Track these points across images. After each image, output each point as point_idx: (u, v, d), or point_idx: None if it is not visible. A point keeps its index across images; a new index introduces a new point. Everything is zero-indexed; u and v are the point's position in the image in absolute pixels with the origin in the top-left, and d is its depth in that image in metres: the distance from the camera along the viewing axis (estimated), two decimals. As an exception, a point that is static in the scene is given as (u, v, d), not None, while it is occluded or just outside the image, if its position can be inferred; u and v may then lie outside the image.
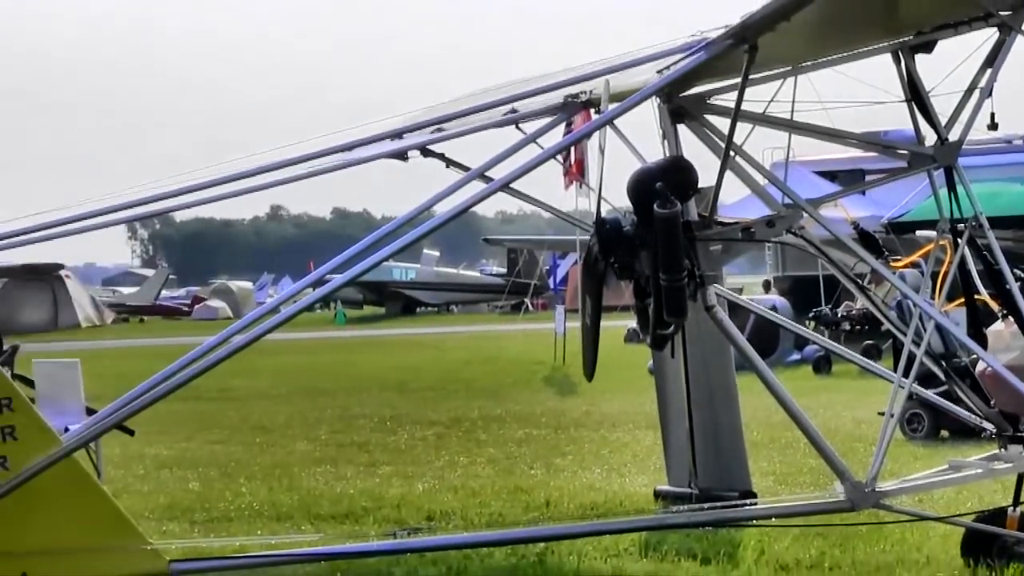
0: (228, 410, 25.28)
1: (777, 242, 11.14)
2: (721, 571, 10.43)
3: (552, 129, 10.66)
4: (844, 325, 31.10)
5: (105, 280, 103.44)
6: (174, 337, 46.35)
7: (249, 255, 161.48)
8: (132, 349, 42.44)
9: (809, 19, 9.41)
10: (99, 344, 47.22)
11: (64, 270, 74.76)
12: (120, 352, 38.79)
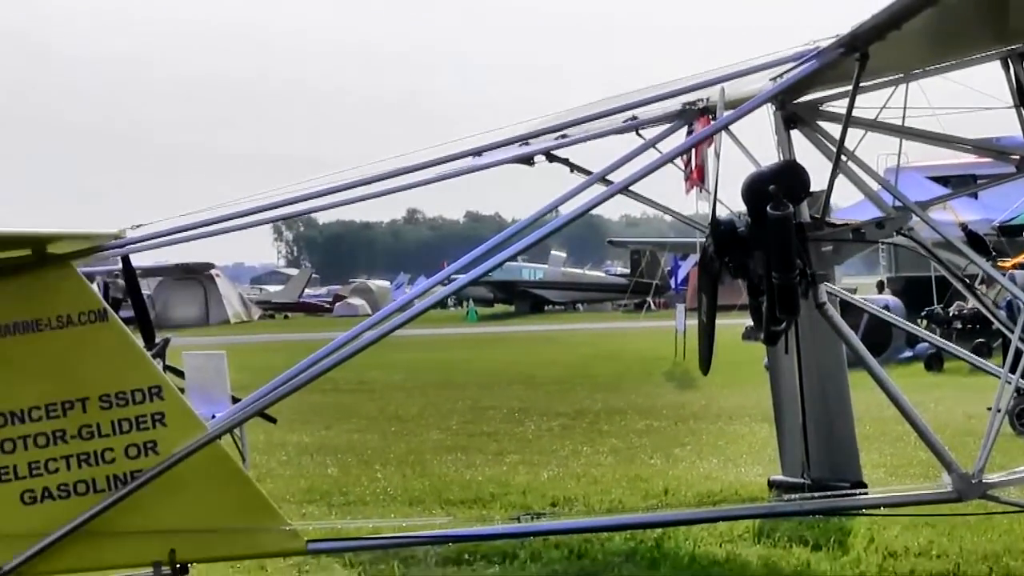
0: (365, 401, 25.44)
1: (887, 243, 11.07)
2: (831, 557, 10.39)
3: (671, 135, 10.65)
4: (955, 324, 30.74)
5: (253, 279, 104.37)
6: (316, 333, 46.63)
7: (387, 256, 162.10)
8: (277, 344, 42.81)
9: (919, 28, 9.32)
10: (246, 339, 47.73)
11: (215, 269, 75.43)
12: (265, 346, 39.15)
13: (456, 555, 10.45)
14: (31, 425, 8.95)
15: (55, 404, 8.97)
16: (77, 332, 9.06)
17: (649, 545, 10.67)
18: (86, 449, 8.97)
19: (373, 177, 10.52)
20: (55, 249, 9.18)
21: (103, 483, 8.97)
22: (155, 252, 10.36)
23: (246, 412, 9.64)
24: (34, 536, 8.88)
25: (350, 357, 9.36)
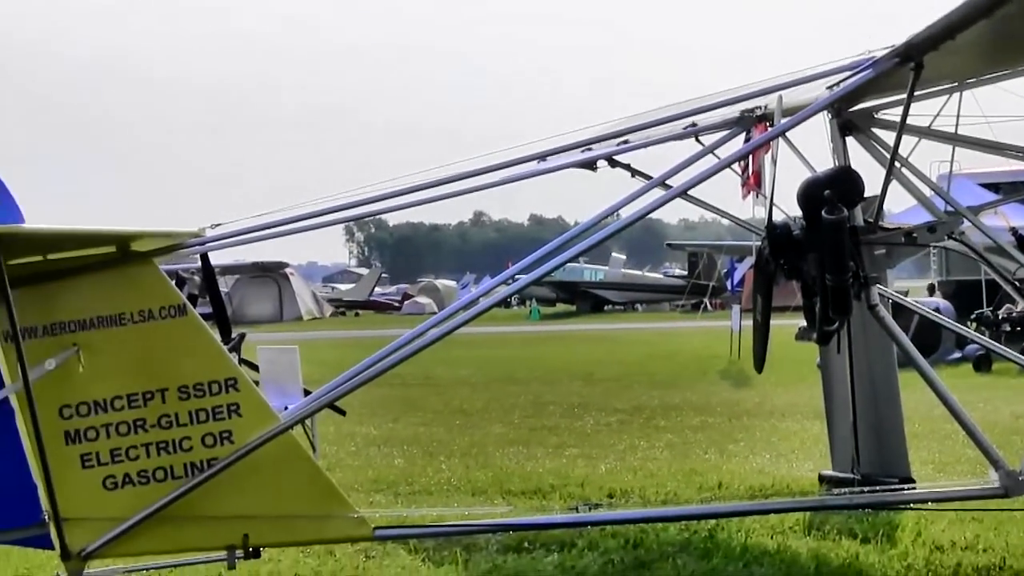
0: (431, 395, 25.49)
1: (938, 246, 11.04)
2: (880, 550, 10.34)
3: (729, 141, 10.61)
4: (1004, 326, 30.54)
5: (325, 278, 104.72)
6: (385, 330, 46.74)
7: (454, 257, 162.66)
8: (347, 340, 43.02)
9: (973, 38, 9.26)
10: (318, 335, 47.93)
11: (288, 268, 75.78)
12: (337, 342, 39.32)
13: (516, 543, 10.46)
14: (113, 414, 9.00)
15: (136, 394, 9.03)
16: (158, 326, 9.11)
17: (702, 536, 10.65)
18: (165, 437, 9.02)
19: (441, 180, 10.52)
20: (138, 247, 9.23)
21: (180, 470, 9.02)
22: (232, 250, 10.40)
23: (317, 404, 9.66)
24: (114, 520, 8.93)
25: (416, 353, 9.38)
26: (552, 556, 10.05)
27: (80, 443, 8.99)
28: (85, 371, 8.98)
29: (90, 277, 9.14)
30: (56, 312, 9.03)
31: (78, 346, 8.99)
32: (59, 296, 9.08)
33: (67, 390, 8.97)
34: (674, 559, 9.83)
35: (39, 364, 8.83)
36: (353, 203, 10.60)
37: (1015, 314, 30.34)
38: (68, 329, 9.02)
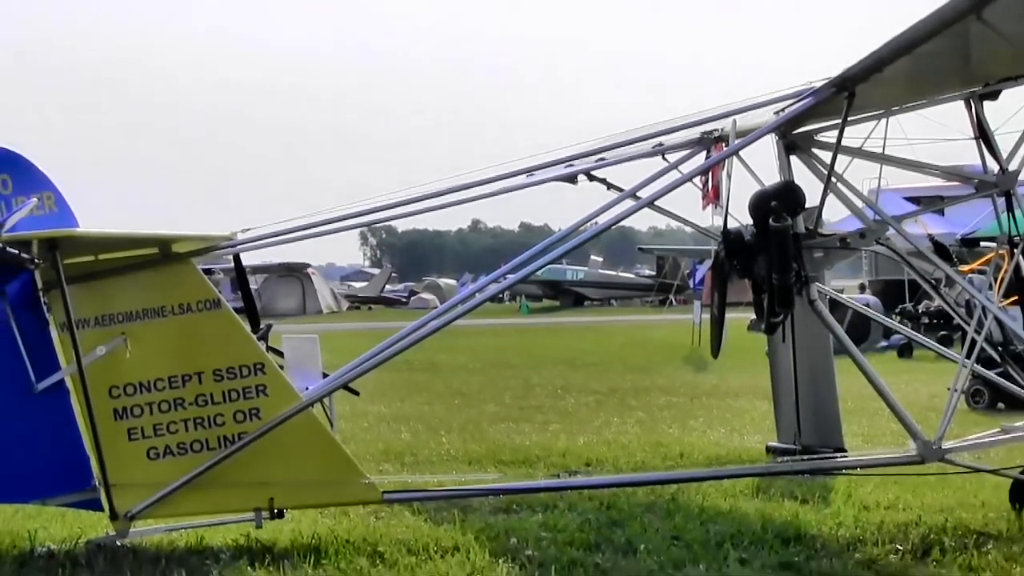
0: (434, 379, 25.44)
1: (867, 250, 11.05)
2: (816, 510, 10.34)
3: (691, 158, 10.63)
4: (923, 319, 30.65)
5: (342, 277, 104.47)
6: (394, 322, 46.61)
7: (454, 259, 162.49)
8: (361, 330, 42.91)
9: (898, 72, 9.30)
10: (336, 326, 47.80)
11: (310, 268, 75.82)
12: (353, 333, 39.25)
13: (506, 505, 10.44)
14: (156, 394, 9.04)
15: (176, 377, 9.06)
16: (195, 318, 9.14)
17: (666, 499, 10.65)
18: (201, 414, 9.06)
19: (442, 191, 10.58)
20: (178, 248, 9.27)
21: (214, 442, 9.06)
22: (261, 252, 10.39)
23: (334, 385, 9.74)
24: (156, 486, 9.00)
25: (420, 341, 9.46)
26: (537, 516, 10.03)
27: (127, 419, 9.03)
28: (131, 357, 9.03)
29: (136, 275, 9.19)
30: (106, 305, 9.07)
31: (125, 335, 9.03)
32: (109, 291, 9.12)
33: (115, 373, 9.01)
34: (641, 518, 9.81)
35: (91, 351, 8.88)
36: (366, 211, 10.70)
37: (932, 309, 30.45)
38: (117, 320, 9.06)
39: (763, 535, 9.30)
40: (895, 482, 10.86)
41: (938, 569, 8.45)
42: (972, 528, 9.56)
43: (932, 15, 8.49)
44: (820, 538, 9.30)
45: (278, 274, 70.50)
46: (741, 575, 8.13)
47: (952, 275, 11.36)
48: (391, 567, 8.46)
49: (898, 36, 8.82)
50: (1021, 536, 9.31)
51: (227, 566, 8.43)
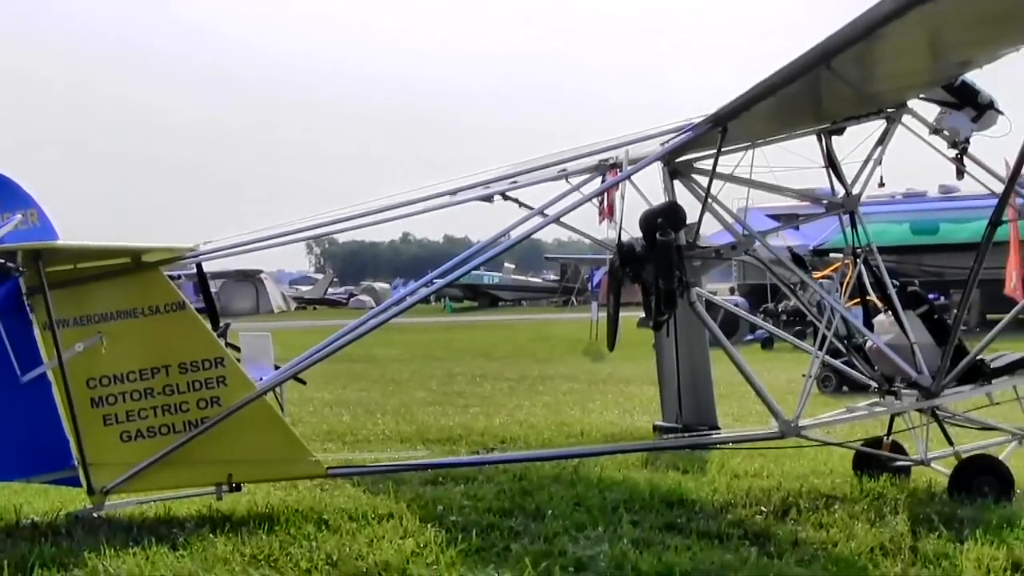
0: (371, 369, 25.33)
1: (738, 259, 11.14)
2: (695, 479, 10.39)
3: (590, 182, 10.65)
4: (782, 317, 30.97)
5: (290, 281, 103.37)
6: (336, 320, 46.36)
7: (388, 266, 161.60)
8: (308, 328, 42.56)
9: (763, 111, 9.40)
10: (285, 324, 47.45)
11: (263, 273, 75.35)
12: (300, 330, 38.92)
13: (433, 478, 10.39)
14: (128, 385, 8.95)
15: (146, 369, 8.98)
16: (163, 318, 9.05)
17: (570, 471, 10.64)
18: (168, 402, 8.97)
19: (378, 208, 10.59)
20: (147, 258, 9.21)
21: (180, 426, 8.97)
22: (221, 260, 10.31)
23: (284, 375, 9.67)
24: (129, 464, 8.91)
25: (360, 337, 9.40)
26: (460, 487, 10.00)
27: (102, 407, 8.93)
28: (107, 352, 8.94)
29: (110, 281, 9.10)
30: (84, 307, 8.99)
31: (101, 333, 8.94)
32: (86, 295, 9.04)
33: (92, 367, 8.91)
34: (549, 488, 9.80)
35: (71, 347, 8.79)
36: (312, 225, 10.69)
37: (789, 308, 30.79)
38: (93, 321, 8.98)
39: (651, 501, 9.32)
40: (760, 454, 10.96)
41: (795, 527, 8.50)
42: (823, 492, 9.65)
43: (791, 64, 8.59)
44: (699, 502, 9.34)
45: (235, 279, 69.68)
46: (633, 535, 8.12)
47: (806, 280, 11.43)
48: (335, 532, 8.38)
49: (763, 81, 8.92)
50: (862, 497, 9.41)
51: (191, 533, 8.30)
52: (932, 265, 31.37)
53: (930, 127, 10.09)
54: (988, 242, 9.03)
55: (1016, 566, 7.29)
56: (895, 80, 9.87)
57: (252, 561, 7.65)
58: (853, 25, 7.93)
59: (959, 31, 8.72)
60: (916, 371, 9.90)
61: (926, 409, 10.01)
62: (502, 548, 7.88)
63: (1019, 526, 8.28)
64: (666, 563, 7.31)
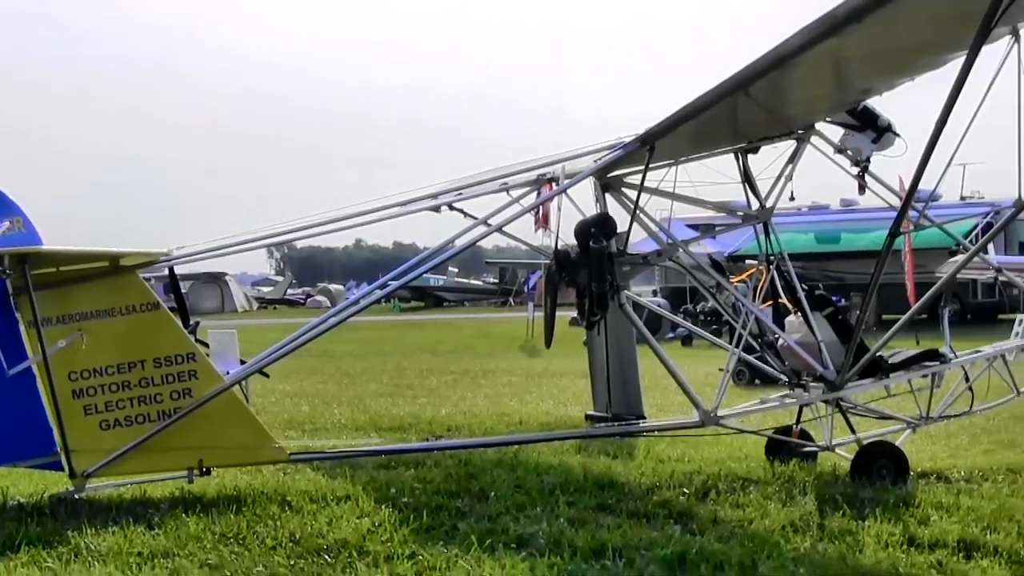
0: (327, 363, 25.16)
1: (663, 265, 11.21)
2: (624, 463, 10.44)
3: (529, 195, 10.66)
4: (701, 316, 31.10)
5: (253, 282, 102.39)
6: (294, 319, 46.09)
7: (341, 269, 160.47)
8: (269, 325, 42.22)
9: (686, 132, 9.48)
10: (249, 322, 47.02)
11: (228, 276, 74.80)
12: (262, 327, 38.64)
13: (386, 463, 10.37)
14: (107, 378, 8.87)
15: (124, 363, 8.90)
16: (138, 317, 8.98)
17: (510, 456, 10.65)
18: (144, 394, 8.90)
19: (335, 218, 10.56)
20: (124, 262, 9.13)
21: (155, 416, 8.90)
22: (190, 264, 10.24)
23: (249, 369, 9.63)
24: (108, 451, 8.83)
25: (320, 335, 9.40)
26: (410, 471, 9.98)
27: (83, 398, 8.84)
28: (87, 348, 8.84)
29: (91, 283, 9.03)
30: (66, 307, 8.90)
31: (82, 331, 8.85)
32: (68, 296, 8.95)
33: (74, 361, 8.82)
34: (491, 472, 9.80)
35: (54, 344, 8.70)
36: (272, 233, 10.66)
37: (707, 309, 30.95)
38: (75, 319, 8.89)
39: (584, 483, 9.36)
40: (682, 441, 11.00)
41: (715, 507, 8.58)
42: (739, 475, 9.72)
43: (712, 89, 8.69)
44: (627, 485, 9.39)
45: (202, 280, 69.08)
46: (568, 515, 8.16)
47: (723, 283, 11.56)
48: (297, 512, 8.36)
49: (687, 104, 9.01)
50: (774, 480, 9.49)
51: (165, 514, 8.25)
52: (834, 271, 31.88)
53: (835, 147, 10.23)
54: (888, 251, 9.14)
55: (912, 541, 7.42)
56: (804, 105, 10.01)
57: (221, 539, 7.62)
58: (769, 56, 8.05)
59: (861, 63, 8.89)
60: (822, 366, 10.02)
61: (831, 400, 10.12)
62: (450, 527, 7.90)
63: (914, 505, 8.45)
64: (599, 540, 7.35)
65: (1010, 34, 8.24)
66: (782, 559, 6.89)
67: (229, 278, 75.53)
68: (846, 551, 7.19)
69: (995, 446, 11.75)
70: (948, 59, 8.59)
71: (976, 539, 7.40)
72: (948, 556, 7.07)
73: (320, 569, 6.90)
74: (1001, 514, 8.10)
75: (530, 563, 6.89)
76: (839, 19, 7.40)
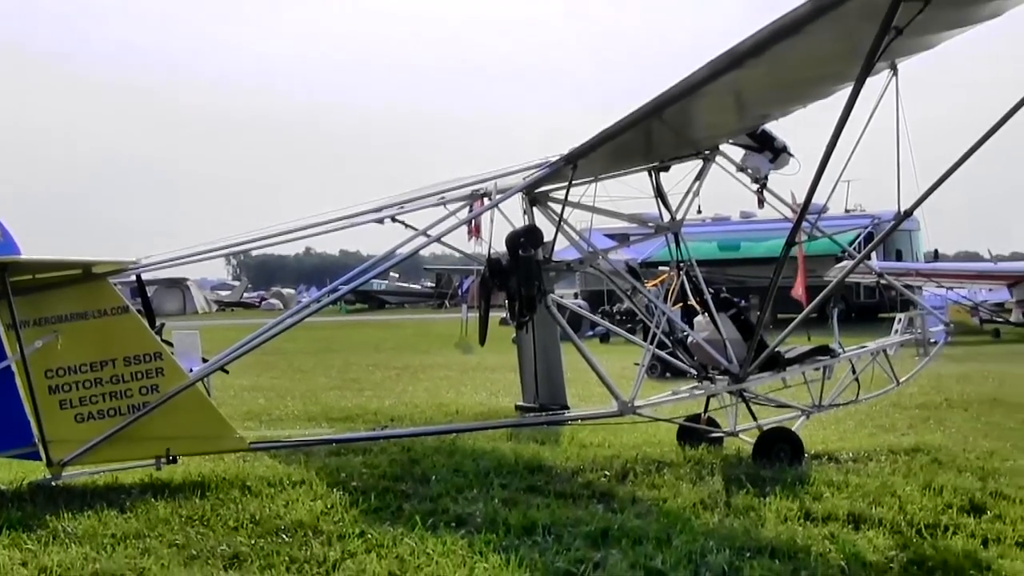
0: (280, 360, 24.87)
1: (583, 271, 11.26)
2: (551, 448, 10.46)
3: (465, 208, 10.64)
4: (617, 316, 31.25)
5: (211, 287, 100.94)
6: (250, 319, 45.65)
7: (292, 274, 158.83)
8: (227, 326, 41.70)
9: (605, 152, 9.54)
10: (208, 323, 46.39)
11: (188, 280, 73.93)
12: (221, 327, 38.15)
13: (336, 451, 10.30)
14: (81, 375, 8.74)
15: (96, 362, 8.77)
16: (109, 320, 8.86)
17: (448, 443, 10.63)
18: (115, 389, 8.78)
19: (287, 229, 10.46)
20: (96, 270, 9.00)
21: (125, 409, 8.77)
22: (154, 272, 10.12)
23: (211, 367, 9.52)
24: (82, 441, 8.70)
25: (277, 335, 9.37)
26: (359, 458, 9.92)
27: (59, 393, 8.70)
28: (62, 348, 8.71)
29: (65, 289, 8.88)
30: (42, 311, 8.76)
31: (57, 332, 8.69)
32: (45, 301, 8.79)
33: (50, 360, 8.69)
34: (432, 457, 9.79)
35: (31, 344, 8.55)
36: (229, 244, 10.54)
37: (623, 309, 31.12)
38: (50, 321, 8.74)
39: (516, 467, 9.37)
40: (603, 428, 11.02)
41: (633, 487, 8.63)
42: (654, 458, 9.78)
43: (630, 114, 8.74)
44: (554, 468, 9.41)
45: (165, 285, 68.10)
46: (502, 496, 8.17)
47: (638, 287, 11.65)
48: (256, 496, 8.27)
49: (607, 128, 9.06)
50: (685, 463, 9.56)
51: (136, 499, 8.14)
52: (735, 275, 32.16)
53: (737, 166, 10.37)
54: (785, 258, 9.25)
55: (807, 515, 7.53)
56: (710, 129, 10.12)
57: (188, 521, 7.52)
58: (679, 85, 8.13)
59: (759, 93, 9.01)
60: (727, 361, 10.13)
61: (735, 391, 10.24)
62: (395, 508, 7.87)
63: (809, 483, 8.57)
64: (530, 518, 7.37)
65: (889, 68, 8.42)
66: (693, 533, 6.95)
67: (190, 282, 74.67)
68: (750, 525, 7.28)
69: (878, 430, 11.98)
70: (835, 90, 8.76)
71: (863, 512, 7.54)
72: (839, 528, 7.19)
73: (278, 547, 6.83)
74: (884, 490, 8.25)
75: (468, 540, 6.89)
76: (740, 54, 7.50)
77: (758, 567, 6.13)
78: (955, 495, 8.06)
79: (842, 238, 12.27)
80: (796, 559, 6.33)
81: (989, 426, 12.44)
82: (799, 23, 6.99)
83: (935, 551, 6.59)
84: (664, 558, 6.36)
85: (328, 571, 6.35)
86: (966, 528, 7.17)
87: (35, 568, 6.42)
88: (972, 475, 8.93)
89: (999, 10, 7.55)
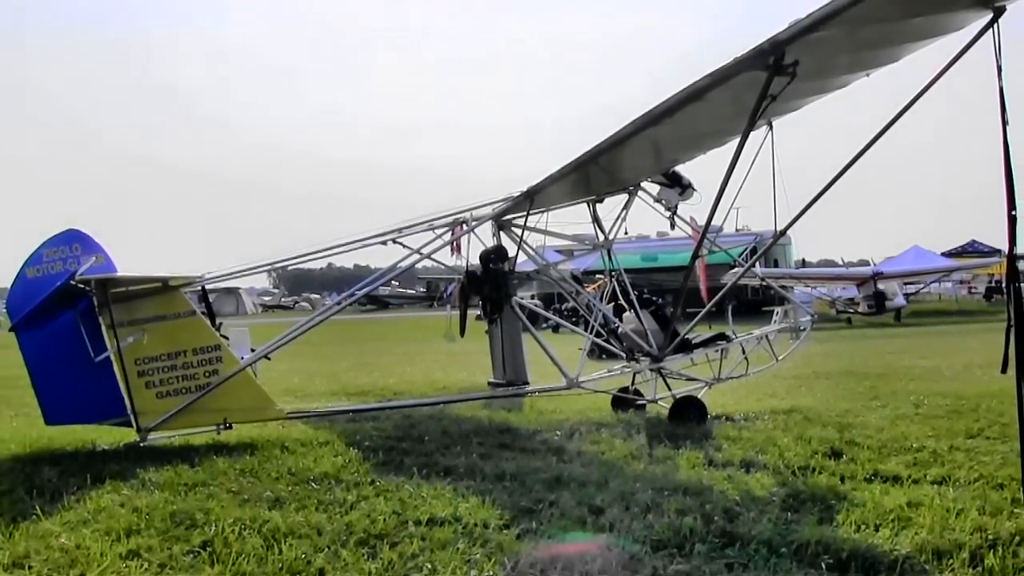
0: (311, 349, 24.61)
1: (539, 279, 11.27)
2: (517, 415, 10.46)
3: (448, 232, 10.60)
4: (565, 312, 31.35)
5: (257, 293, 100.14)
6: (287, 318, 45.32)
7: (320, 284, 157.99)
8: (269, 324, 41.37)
9: (556, 188, 9.56)
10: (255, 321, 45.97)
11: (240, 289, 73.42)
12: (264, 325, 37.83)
13: (353, 419, 10.23)
14: (161, 363, 8.65)
15: (172, 352, 8.69)
16: (181, 320, 8.78)
17: (438, 411, 10.59)
18: (185, 373, 8.69)
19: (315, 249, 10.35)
20: (172, 283, 8.91)
21: (194, 388, 8.69)
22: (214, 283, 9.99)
23: (258, 355, 9.44)
24: (162, 413, 8.63)
25: (306, 331, 9.24)
26: (370, 423, 9.86)
27: (144, 376, 8.63)
28: (147, 342, 8.59)
29: (149, 298, 8.77)
30: (133, 314, 8.66)
31: (144, 330, 8.60)
32: (134, 307, 8.69)
33: (138, 351, 8.60)
34: (426, 423, 9.73)
35: (124, 339, 8.46)
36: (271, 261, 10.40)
37: (568, 307, 31.17)
38: (139, 323, 8.66)
39: (490, 429, 9.34)
40: (555, 398, 11.01)
41: (579, 443, 8.61)
42: (595, 421, 9.75)
43: (574, 160, 8.75)
44: (519, 429, 9.38)
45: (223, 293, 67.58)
46: (479, 451, 8.14)
47: (580, 290, 11.66)
48: (292, 453, 8.20)
49: (557, 170, 9.07)
50: (618, 424, 9.55)
51: (202, 455, 8.03)
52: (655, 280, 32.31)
53: (654, 198, 10.41)
54: (691, 267, 9.31)
55: (711, 462, 7.53)
56: (634, 170, 10.16)
57: (241, 473, 7.43)
58: (611, 138, 8.16)
59: (671, 143, 9.06)
60: (648, 346, 10.18)
61: (655, 369, 10.28)
62: (398, 462, 7.80)
63: (712, 438, 8.61)
64: (501, 468, 7.32)
65: (767, 125, 8.52)
66: (625, 478, 6.95)
67: (241, 291, 74.02)
68: (668, 471, 7.29)
69: (763, 396, 12.05)
70: (728, 140, 8.85)
71: (753, 459, 7.57)
72: (735, 471, 7.20)
73: (309, 493, 6.77)
74: (768, 442, 8.30)
75: (454, 485, 6.85)
76: (657, 115, 7.56)
77: (674, 502, 6.15)
78: (820, 444, 8.12)
79: (734, 251, 12.34)
80: (702, 495, 6.35)
81: (845, 391, 12.56)
82: (701, 91, 7.07)
83: (806, 487, 6.63)
84: (603, 497, 6.36)
85: (347, 511, 6.31)
86: (828, 469, 7.22)
87: (129, 509, 6.36)
88: (833, 428, 9.00)
89: (846, 83, 7.77)
